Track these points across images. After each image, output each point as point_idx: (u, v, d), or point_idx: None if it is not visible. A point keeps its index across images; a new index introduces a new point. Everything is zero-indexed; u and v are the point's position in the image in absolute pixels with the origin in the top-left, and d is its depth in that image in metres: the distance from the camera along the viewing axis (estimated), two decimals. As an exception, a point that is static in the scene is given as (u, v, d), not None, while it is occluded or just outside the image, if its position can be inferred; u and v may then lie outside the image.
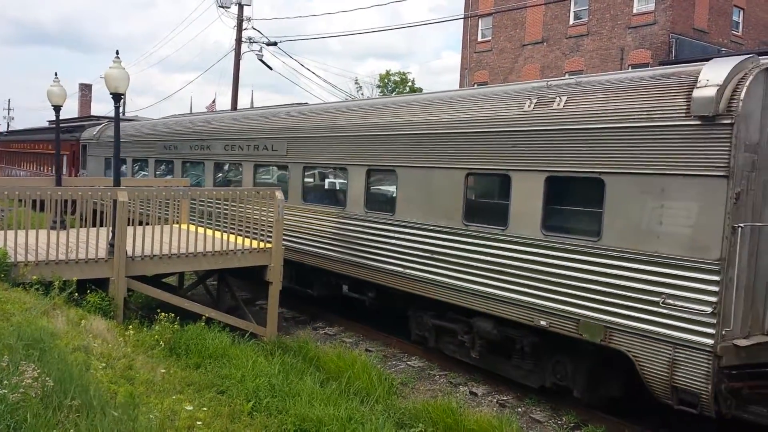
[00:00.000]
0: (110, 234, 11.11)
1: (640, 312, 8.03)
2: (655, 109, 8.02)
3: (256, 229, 12.61)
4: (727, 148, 7.33)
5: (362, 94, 55.13)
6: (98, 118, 31.68)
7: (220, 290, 14.31)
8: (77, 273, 10.49)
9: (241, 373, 8.76)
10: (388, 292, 12.27)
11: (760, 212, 7.67)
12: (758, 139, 7.58)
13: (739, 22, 33.88)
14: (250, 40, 28.70)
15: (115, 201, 10.89)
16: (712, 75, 7.61)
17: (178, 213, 13.90)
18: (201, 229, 12.63)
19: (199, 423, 6.66)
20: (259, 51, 28.75)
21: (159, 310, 10.52)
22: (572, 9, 33.24)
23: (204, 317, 11.17)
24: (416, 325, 12.08)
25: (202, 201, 14.48)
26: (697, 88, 7.61)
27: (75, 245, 10.80)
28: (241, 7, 28.49)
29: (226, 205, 13.16)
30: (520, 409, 9.90)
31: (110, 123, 25.91)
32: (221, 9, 28.58)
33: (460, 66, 39.53)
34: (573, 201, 9.26)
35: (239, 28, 28.48)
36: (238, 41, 28.49)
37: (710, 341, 7.38)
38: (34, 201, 10.73)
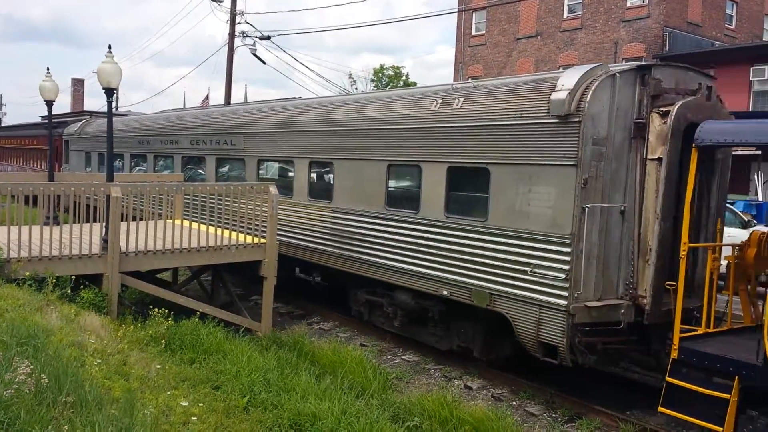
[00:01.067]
0: (104, 229, 11.07)
1: (515, 280, 9.51)
2: (526, 109, 9.47)
3: (250, 224, 12.58)
4: (576, 142, 8.75)
5: (356, 88, 55.09)
6: (91, 113, 31.55)
7: (215, 286, 14.30)
8: (71, 269, 10.45)
9: (236, 369, 8.76)
10: (330, 273, 13.06)
11: (609, 196, 9.03)
12: (606, 135, 8.92)
13: (732, 16, 33.97)
14: (243, 35, 28.60)
15: (108, 196, 10.85)
16: (566, 81, 9.02)
17: (171, 208, 13.86)
18: (195, 225, 12.60)
19: (194, 418, 6.66)
20: (252, 45, 28.66)
21: (153, 306, 10.51)
22: (566, 2, 33.26)
23: (198, 313, 11.16)
24: (354, 302, 13.34)
25: (196, 196, 14.47)
26: (554, 92, 9.03)
27: (68, 241, 10.76)
28: (234, 1, 28.39)
29: (220, 200, 13.11)
30: (514, 403, 9.94)
31: (90, 120, 26.82)
32: (214, 3, 28.50)
33: (454, 60, 39.50)
34: (468, 188, 10.62)
35: (232, 22, 28.38)
36: (231, 35, 28.38)
37: (564, 302, 8.83)
38: (27, 196, 10.68)
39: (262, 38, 28.63)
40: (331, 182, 13.21)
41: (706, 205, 9.75)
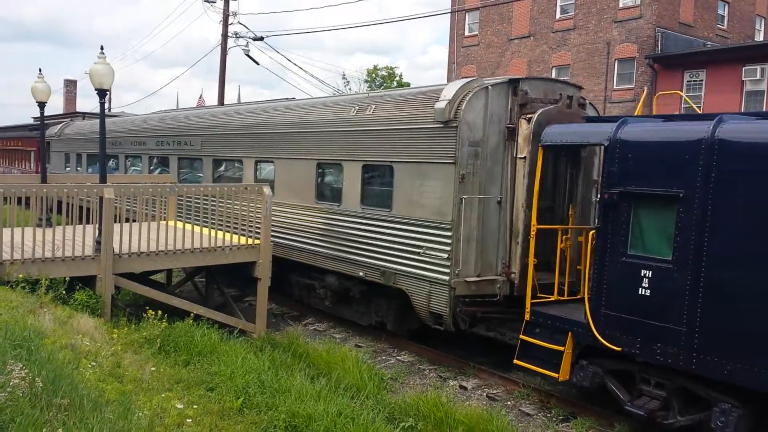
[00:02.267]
0: (97, 231, 11.03)
1: (412, 261, 11.12)
2: (419, 116, 11.09)
3: (244, 225, 12.56)
4: (454, 144, 10.37)
5: (350, 89, 55.08)
6: (84, 114, 31.48)
7: (209, 287, 14.26)
8: (64, 271, 10.41)
9: (231, 370, 8.73)
10: (275, 261, 13.49)
11: (486, 188, 10.58)
12: (481, 137, 10.46)
13: (724, 16, 34.12)
14: (237, 35, 28.54)
15: (101, 198, 10.81)
16: (447, 92, 10.63)
17: (165, 210, 13.82)
18: (189, 226, 12.57)
19: (188, 420, 6.65)
20: (245, 46, 28.61)
21: (147, 308, 10.46)
22: (559, 3, 33.36)
23: (192, 314, 11.12)
24: (294, 286, 14.73)
25: (189, 197, 14.49)
26: (438, 101, 10.65)
27: (62, 243, 10.72)
28: (227, 1, 28.34)
29: (213, 201, 13.10)
30: (509, 403, 9.95)
31: (70, 122, 27.94)
32: (207, 3, 28.43)
33: (447, 60, 39.55)
34: (378, 183, 12.22)
35: (225, 23, 28.33)
36: (224, 36, 28.33)
37: (447, 278, 10.48)
38: (20, 198, 10.63)
39: (255, 39, 28.59)
40: (273, 179, 14.61)
41: (570, 195, 11.14)
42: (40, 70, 15.19)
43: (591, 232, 9.33)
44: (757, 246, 7.17)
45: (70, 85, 63.16)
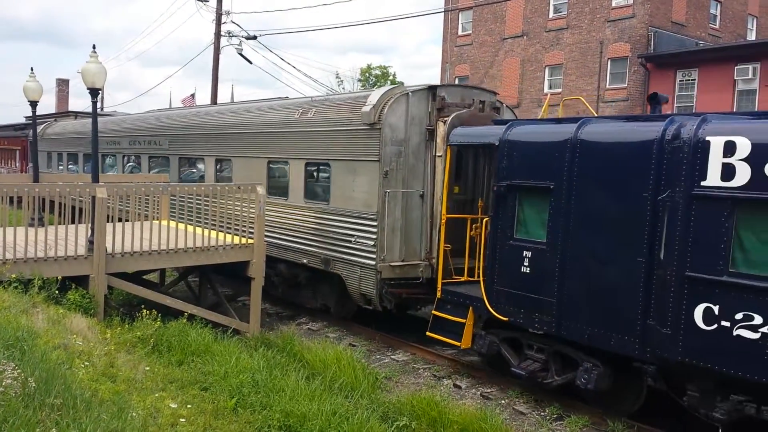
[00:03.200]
0: (89, 231, 10.98)
1: (345, 248, 12.33)
2: (351, 119, 12.25)
3: (237, 224, 12.53)
4: (378, 144, 11.61)
5: (343, 88, 55.03)
6: (76, 113, 31.37)
7: (202, 287, 14.22)
8: (56, 270, 10.36)
9: (225, 370, 8.71)
10: None
11: (409, 183, 11.84)
12: (403, 138, 11.72)
13: (716, 15, 34.26)
14: (230, 34, 28.46)
15: (93, 197, 10.76)
16: (372, 98, 11.87)
17: (158, 209, 13.77)
18: (182, 225, 12.54)
19: (182, 420, 6.63)
20: (238, 45, 28.53)
21: (141, 307, 10.43)
22: (552, 2, 33.42)
23: (186, 314, 11.09)
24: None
25: (182, 197, 14.57)
26: (365, 106, 11.83)
27: (54, 242, 10.67)
28: (219, 0, 28.25)
29: (206, 200, 13.10)
30: (503, 401, 9.96)
31: (53, 122, 28.67)
32: (200, 3, 28.34)
33: (441, 60, 39.57)
34: (318, 178, 13.48)
35: (218, 22, 28.23)
36: (217, 35, 28.25)
37: (373, 263, 11.74)
38: (11, 197, 10.56)
39: (248, 38, 28.50)
40: (231, 176, 15.75)
41: (483, 189, 12.26)
42: (32, 69, 15.12)
43: (485, 220, 10.64)
44: (601, 230, 8.48)
45: (63, 84, 62.87)
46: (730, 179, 7.22)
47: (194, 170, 17.78)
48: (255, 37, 28.66)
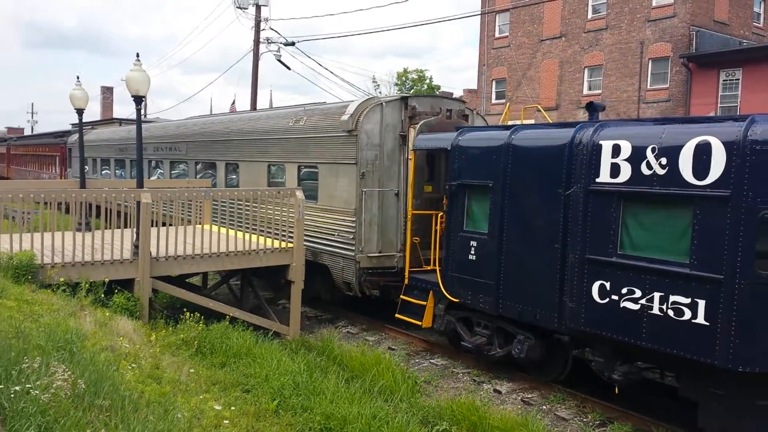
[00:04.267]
0: (134, 235, 11.22)
1: (330, 241, 13.62)
2: (334, 126, 13.61)
3: (277, 229, 12.69)
4: (355, 148, 12.99)
5: (380, 92, 55.19)
6: (120, 120, 32.10)
7: (243, 290, 14.40)
8: (103, 274, 10.61)
9: (266, 372, 8.81)
10: None
11: (385, 183, 13.23)
12: (378, 142, 13.14)
13: (760, 14, 33.44)
14: (268, 41, 28.76)
15: (138, 202, 11.00)
16: (351, 108, 13.28)
17: (200, 213, 14.02)
18: (223, 230, 12.73)
19: (225, 422, 6.71)
20: (277, 51, 28.82)
21: (184, 310, 10.62)
22: (590, 3, 33.01)
23: (228, 317, 11.25)
24: None
25: (224, 202, 14.88)
26: (344, 115, 13.24)
27: (100, 246, 10.93)
28: (258, 8, 28.60)
29: (247, 205, 13.34)
30: (544, 407, 9.85)
31: (88, 129, 29.96)
32: (239, 10, 28.72)
33: (478, 62, 39.39)
34: (308, 179, 14.66)
35: (257, 29, 28.59)
36: (256, 42, 28.61)
37: (353, 254, 13.09)
38: (59, 203, 10.84)
39: (286, 44, 28.77)
40: (238, 178, 17.16)
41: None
42: (77, 77, 15.51)
43: (440, 215, 11.91)
44: (528, 222, 9.87)
45: (107, 92, 64.42)
46: (617, 176, 8.55)
47: (209, 174, 19.05)
48: (293, 43, 28.94)
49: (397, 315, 12.49)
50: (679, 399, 8.69)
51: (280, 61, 29.11)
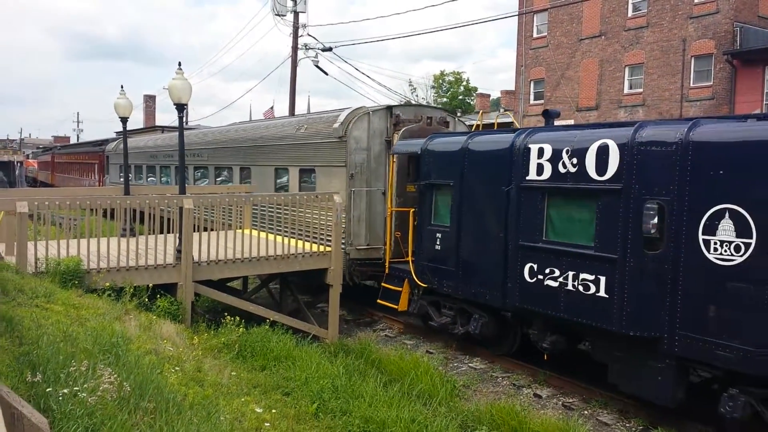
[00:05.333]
0: (177, 240, 11.44)
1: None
2: (328, 133, 15.04)
3: (316, 232, 12.82)
4: (345, 153, 14.44)
5: (416, 95, 55.16)
6: (162, 127, 32.78)
7: (283, 293, 14.56)
8: (146, 279, 10.84)
9: (305, 375, 8.90)
10: None
11: (372, 183, 14.63)
12: (366, 147, 14.54)
13: (808, 7, 32.36)
14: (306, 47, 29.03)
15: (181, 208, 11.21)
16: (341, 116, 14.80)
17: (241, 218, 14.23)
18: (263, 234, 12.90)
19: (266, 424, 6.81)
20: (314, 57, 29.07)
21: (225, 314, 10.78)
22: (631, 1, 32.45)
23: (268, 320, 11.38)
24: None
25: (263, 206, 15.15)
26: (335, 123, 14.76)
27: (144, 252, 11.17)
28: (296, 14, 28.90)
29: (286, 209, 13.58)
30: (586, 412, 9.73)
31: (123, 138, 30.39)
32: (277, 17, 29.04)
33: (515, 63, 39.08)
34: (308, 181, 16.02)
35: (295, 36, 28.89)
36: (294, 48, 28.90)
37: (344, 247, 13.88)
38: (104, 209, 11.11)
39: (323, 50, 29.00)
40: (251, 180, 18.45)
41: None
42: (122, 87, 15.89)
43: (412, 211, 13.30)
44: (480, 215, 11.28)
45: (150, 100, 65.92)
46: (541, 174, 10.05)
47: (225, 177, 20.56)
48: (330, 49, 29.14)
49: (378, 300, 13.90)
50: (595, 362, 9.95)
51: (317, 66, 29.37)
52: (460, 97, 54.81)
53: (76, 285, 9.95)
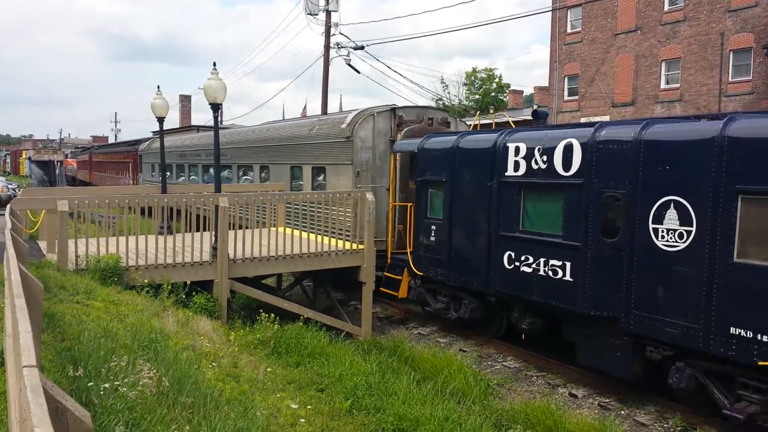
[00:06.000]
0: (213, 238, 11.59)
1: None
2: (336, 133, 16.03)
3: (349, 231, 12.88)
4: (351, 152, 15.39)
5: (448, 93, 54.95)
6: (198, 127, 33.19)
7: (316, 290, 14.65)
8: (183, 276, 11.01)
9: (339, 372, 8.94)
10: None
11: (378, 180, 15.43)
12: (371, 146, 15.49)
13: None
14: (338, 46, 29.11)
15: (216, 206, 11.35)
16: (348, 118, 15.81)
17: (275, 216, 14.36)
18: (296, 232, 13.01)
19: (302, 420, 6.86)
20: (346, 56, 29.12)
21: (260, 311, 10.89)
22: (667, -6, 31.83)
23: (302, 317, 11.46)
24: None
25: (297, 205, 15.35)
26: (343, 124, 15.77)
27: (181, 249, 11.34)
28: (328, 13, 29.00)
29: (319, 207, 13.68)
30: (623, 412, 9.59)
31: (154, 138, 32.90)
32: (309, 17, 29.18)
33: (549, 59, 38.67)
34: (319, 178, 17.03)
35: (327, 35, 28.99)
36: (326, 47, 29.01)
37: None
38: (142, 208, 11.30)
39: (356, 48, 29.03)
40: (269, 178, 19.54)
41: None
42: (158, 87, 16.13)
43: (410, 205, 14.14)
44: (469, 209, 12.15)
45: (185, 100, 66.84)
46: (518, 170, 11.08)
47: (247, 175, 21.67)
48: (362, 47, 29.18)
49: (381, 288, 14.48)
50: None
51: (349, 65, 29.42)
52: (493, 94, 54.43)
53: (116, 282, 10.15)
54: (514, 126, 12.73)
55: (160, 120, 16.29)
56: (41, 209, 13.65)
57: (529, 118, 16.81)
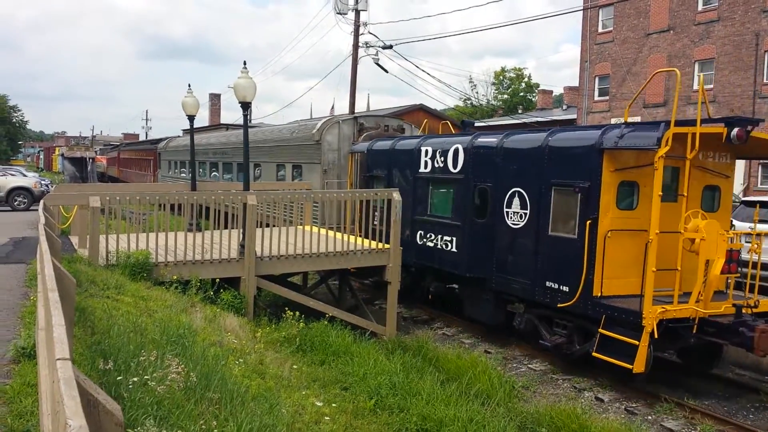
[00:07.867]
0: (240, 235, 11.69)
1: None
2: (308, 137, 18.61)
3: (374, 230, 12.90)
4: (319, 153, 18.00)
5: (477, 92, 54.73)
6: (227, 125, 33.51)
7: (342, 289, 14.70)
8: (211, 272, 11.13)
9: (363, 371, 8.96)
10: None
11: (341, 177, 17.99)
12: (337, 148, 18.08)
13: None
14: (367, 45, 29.14)
15: (245, 204, 11.45)
16: (318, 125, 18.43)
17: (302, 214, 14.44)
18: (323, 230, 13.06)
19: (326, 418, 6.89)
20: (375, 55, 29.14)
21: (286, 308, 10.96)
22: (701, -6, 31.29)
23: (327, 315, 11.51)
24: None
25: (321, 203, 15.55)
26: (313, 130, 18.22)
27: (209, 246, 11.47)
28: (357, 13, 29.04)
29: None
30: (650, 417, 9.48)
31: (174, 137, 35.56)
32: (339, 16, 29.25)
33: (579, 59, 38.27)
34: (298, 175, 19.39)
35: (356, 34, 29.04)
36: (355, 46, 29.06)
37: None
38: (172, 204, 11.42)
39: (384, 47, 29.04)
40: (261, 174, 22.21)
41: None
42: (189, 85, 16.35)
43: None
44: (404, 195, 13.54)
45: (215, 99, 67.46)
46: (427, 168, 14.38)
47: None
48: (391, 47, 29.17)
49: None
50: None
51: (378, 64, 29.45)
52: (521, 94, 54.05)
53: (145, 277, 10.29)
54: (454, 131, 16.15)
55: (191, 118, 16.48)
56: (73, 205, 13.90)
57: (558, 119, 17.12)
